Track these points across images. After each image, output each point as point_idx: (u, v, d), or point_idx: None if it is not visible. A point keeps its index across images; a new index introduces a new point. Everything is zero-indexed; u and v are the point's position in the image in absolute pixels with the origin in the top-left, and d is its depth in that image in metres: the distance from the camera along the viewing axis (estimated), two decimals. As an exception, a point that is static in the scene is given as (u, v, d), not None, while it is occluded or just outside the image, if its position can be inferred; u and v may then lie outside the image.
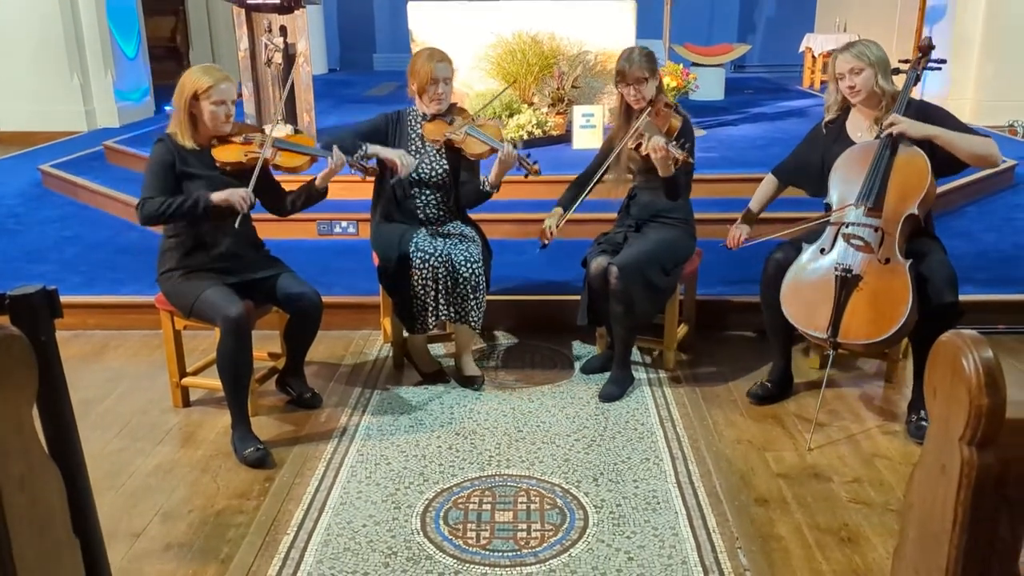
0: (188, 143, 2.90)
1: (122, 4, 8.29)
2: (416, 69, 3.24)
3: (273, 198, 3.14)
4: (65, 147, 7.10)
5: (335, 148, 3.03)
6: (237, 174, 2.91)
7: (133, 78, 8.57)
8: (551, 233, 3.25)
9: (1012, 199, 5.54)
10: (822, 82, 10.04)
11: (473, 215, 3.51)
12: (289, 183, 3.20)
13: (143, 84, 8.75)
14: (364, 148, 3.21)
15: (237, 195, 2.81)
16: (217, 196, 2.82)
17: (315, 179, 3.07)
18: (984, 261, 4.37)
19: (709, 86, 8.11)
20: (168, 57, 11.25)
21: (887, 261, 2.80)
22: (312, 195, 3.11)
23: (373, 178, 3.25)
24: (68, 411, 1.71)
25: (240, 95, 6.19)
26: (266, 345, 3.39)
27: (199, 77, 2.86)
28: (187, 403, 3.20)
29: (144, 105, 8.61)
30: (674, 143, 3.02)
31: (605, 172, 3.30)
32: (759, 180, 3.48)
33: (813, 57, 10.06)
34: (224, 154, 2.92)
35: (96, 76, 8.08)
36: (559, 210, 3.36)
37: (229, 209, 2.83)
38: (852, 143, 3.03)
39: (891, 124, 2.86)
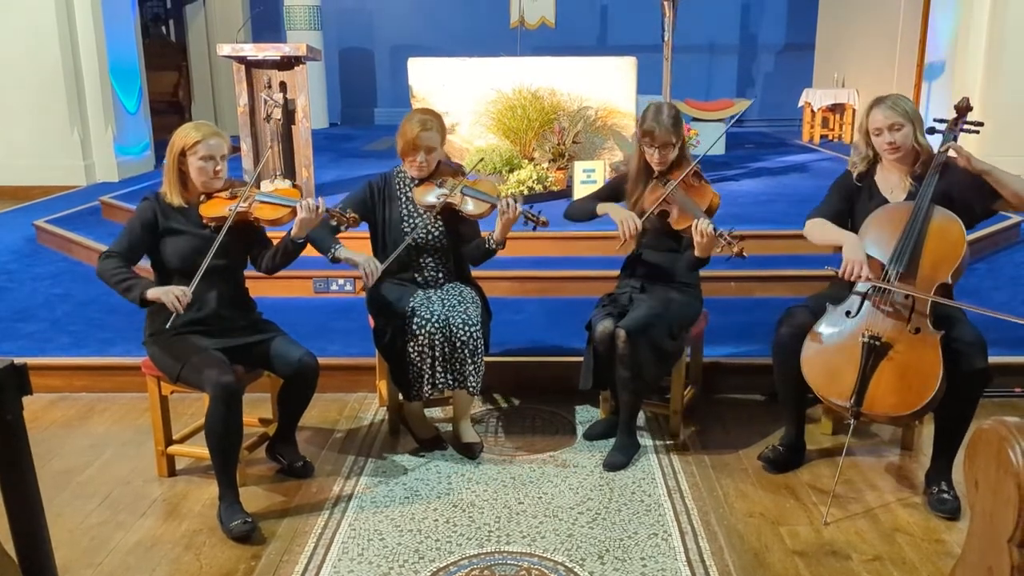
0: (177, 200, 2.83)
1: (124, 59, 8.33)
2: (403, 130, 3.13)
3: (258, 252, 3.01)
4: (62, 202, 7.04)
5: (307, 200, 2.84)
6: (222, 229, 2.80)
7: (134, 133, 8.56)
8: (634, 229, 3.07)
9: (1019, 256, 5.45)
10: (822, 136, 10.08)
11: (473, 272, 3.42)
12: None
13: (144, 139, 8.75)
14: (335, 249, 3.05)
15: (171, 295, 2.63)
16: (152, 293, 2.66)
17: (291, 230, 2.91)
18: (996, 321, 4.24)
19: (710, 141, 8.10)
20: (170, 112, 11.30)
21: (917, 331, 2.67)
22: (288, 247, 2.93)
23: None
24: (35, 500, 1.58)
25: (238, 150, 6.17)
26: (256, 410, 3.26)
27: (187, 132, 2.80)
28: (172, 472, 3.06)
29: (144, 160, 8.59)
30: (722, 232, 2.86)
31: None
32: (764, 236, 3.41)
33: (812, 112, 10.11)
34: (209, 209, 2.84)
35: (96, 130, 8.06)
36: (623, 210, 3.16)
37: (166, 305, 2.65)
38: (884, 200, 2.91)
39: (953, 149, 2.76)
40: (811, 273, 4.18)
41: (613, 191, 3.34)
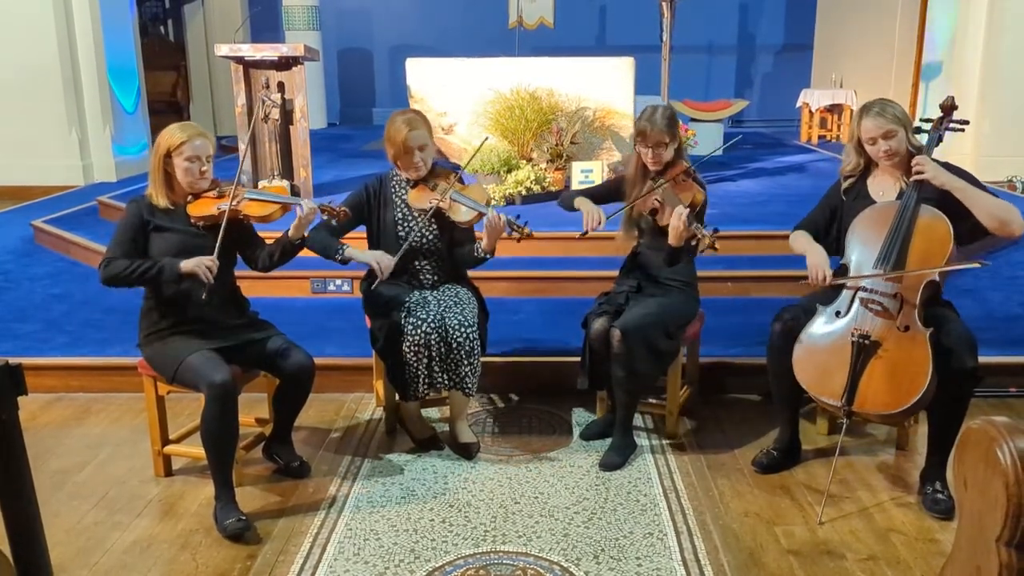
0: (163, 202, 2.82)
1: (123, 59, 8.33)
2: (391, 136, 3.12)
3: (251, 251, 3.02)
4: (60, 202, 7.04)
5: (304, 201, 2.89)
6: (211, 228, 2.82)
7: (132, 132, 8.57)
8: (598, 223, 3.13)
9: (1016, 256, 5.45)
10: (820, 136, 10.09)
11: (470, 273, 3.42)
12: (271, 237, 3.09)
13: (142, 139, 8.75)
14: (342, 251, 3.10)
15: (203, 265, 2.70)
16: (186, 265, 2.71)
17: (288, 230, 2.95)
18: (991, 321, 4.27)
19: (708, 141, 8.11)
20: (169, 111, 11.30)
21: (906, 329, 2.68)
22: (287, 247, 2.97)
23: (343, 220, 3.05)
24: (31, 500, 1.59)
25: (235, 150, 6.18)
26: (253, 410, 3.27)
27: (173, 133, 2.79)
28: (169, 472, 3.07)
29: (142, 159, 8.58)
30: (698, 225, 2.90)
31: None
32: (761, 237, 3.42)
33: (810, 112, 10.11)
34: (198, 209, 2.84)
35: (94, 130, 8.06)
36: (592, 205, 3.19)
37: (196, 279, 2.72)
38: (874, 202, 2.92)
39: (919, 165, 2.76)
40: (808, 273, 4.18)
41: (608, 191, 3.38)
